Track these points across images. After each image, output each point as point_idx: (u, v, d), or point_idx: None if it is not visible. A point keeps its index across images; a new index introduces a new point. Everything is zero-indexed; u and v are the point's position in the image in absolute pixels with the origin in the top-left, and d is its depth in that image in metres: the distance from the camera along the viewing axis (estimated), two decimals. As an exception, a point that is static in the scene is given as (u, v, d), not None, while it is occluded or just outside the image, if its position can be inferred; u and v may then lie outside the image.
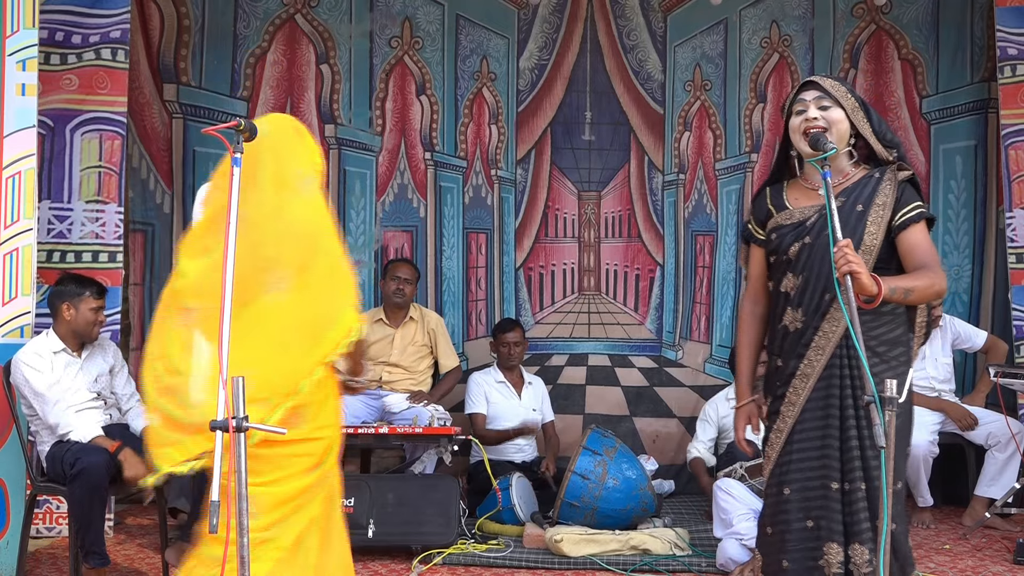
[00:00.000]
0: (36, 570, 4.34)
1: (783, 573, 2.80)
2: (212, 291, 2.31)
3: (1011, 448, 5.10)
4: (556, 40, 6.46)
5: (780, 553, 2.81)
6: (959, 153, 6.16)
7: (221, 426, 2.12)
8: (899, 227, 2.81)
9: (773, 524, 2.85)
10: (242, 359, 2.23)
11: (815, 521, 2.77)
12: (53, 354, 4.13)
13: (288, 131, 2.77)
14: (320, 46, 6.27)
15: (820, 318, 2.80)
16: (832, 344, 2.79)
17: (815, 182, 2.91)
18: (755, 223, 3.03)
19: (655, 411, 6.30)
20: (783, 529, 2.81)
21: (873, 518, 2.71)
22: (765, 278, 3.02)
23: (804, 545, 2.78)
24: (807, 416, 2.81)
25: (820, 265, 2.80)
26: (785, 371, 2.86)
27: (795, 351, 2.84)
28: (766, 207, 2.99)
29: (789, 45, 6.37)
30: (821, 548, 2.75)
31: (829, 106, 2.86)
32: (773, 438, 2.87)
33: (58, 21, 4.92)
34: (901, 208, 2.82)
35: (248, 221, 2.39)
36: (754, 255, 3.05)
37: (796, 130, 2.88)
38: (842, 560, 2.74)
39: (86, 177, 4.99)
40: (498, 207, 6.46)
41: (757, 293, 3.04)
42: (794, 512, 2.80)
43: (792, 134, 2.91)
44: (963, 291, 6.11)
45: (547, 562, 4.42)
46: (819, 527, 2.76)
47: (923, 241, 2.81)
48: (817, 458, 2.78)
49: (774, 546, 2.84)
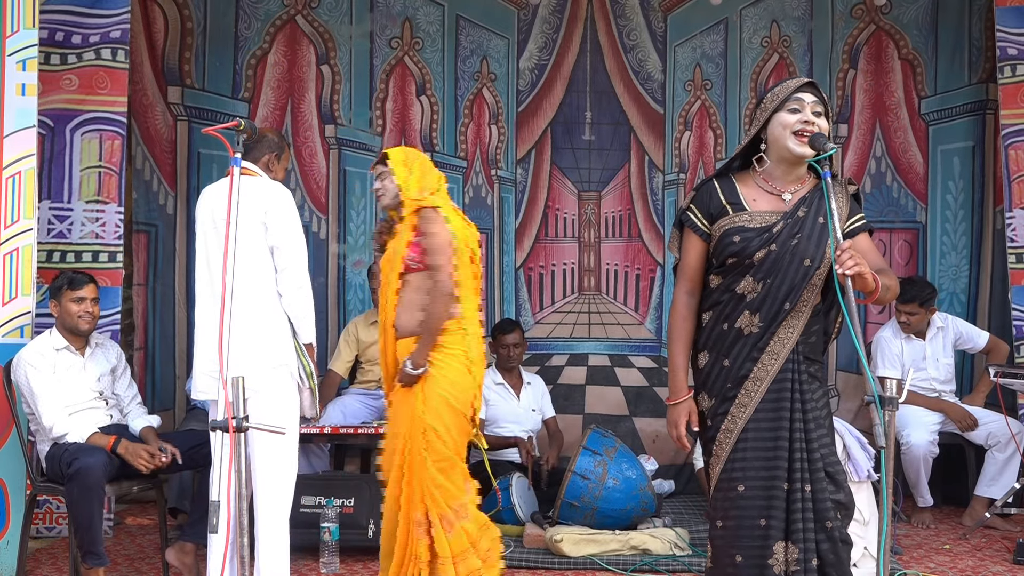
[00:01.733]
0: (36, 570, 4.34)
1: (735, 567, 2.83)
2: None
3: (1011, 448, 5.10)
4: (556, 40, 6.46)
5: (732, 548, 2.84)
6: (957, 154, 6.17)
7: (221, 426, 2.12)
8: (848, 234, 2.86)
9: (725, 519, 2.87)
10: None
11: (767, 520, 2.81)
12: (55, 352, 4.14)
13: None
14: (320, 47, 6.27)
15: (777, 325, 2.82)
16: (787, 350, 2.82)
17: (778, 185, 2.88)
18: (700, 214, 2.93)
19: (655, 411, 6.29)
20: (736, 525, 2.84)
21: (817, 520, 2.79)
22: (702, 271, 2.95)
23: (756, 543, 2.82)
24: (760, 417, 2.83)
25: (784, 273, 2.80)
26: (735, 373, 2.85)
27: (749, 354, 2.84)
28: (719, 201, 2.90)
29: (788, 45, 6.37)
30: (771, 547, 2.80)
31: (821, 113, 2.84)
32: (722, 438, 2.86)
33: (58, 21, 4.92)
34: (851, 217, 2.91)
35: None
36: (694, 246, 2.94)
37: (788, 126, 2.81)
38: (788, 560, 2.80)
39: (86, 177, 4.99)
40: (498, 207, 6.46)
41: (694, 284, 2.96)
42: (748, 510, 2.83)
43: (781, 128, 2.83)
44: (961, 291, 6.11)
45: (547, 562, 4.42)
46: (770, 526, 2.81)
47: (872, 248, 2.90)
48: (770, 459, 2.82)
49: (726, 540, 2.87)
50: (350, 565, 4.42)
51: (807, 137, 2.79)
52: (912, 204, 6.27)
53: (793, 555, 2.79)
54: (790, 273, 2.79)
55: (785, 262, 2.80)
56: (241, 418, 2.12)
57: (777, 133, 2.84)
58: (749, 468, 2.83)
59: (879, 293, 2.69)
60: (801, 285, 2.80)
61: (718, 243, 2.89)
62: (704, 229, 2.92)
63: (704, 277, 2.96)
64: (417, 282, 3.54)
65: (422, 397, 3.55)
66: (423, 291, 3.52)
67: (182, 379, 5.83)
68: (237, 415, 2.11)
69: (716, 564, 2.90)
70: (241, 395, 2.13)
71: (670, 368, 2.99)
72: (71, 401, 4.10)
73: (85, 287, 4.18)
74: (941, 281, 6.08)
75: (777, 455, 2.82)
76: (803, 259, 2.80)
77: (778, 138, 2.84)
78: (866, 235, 2.92)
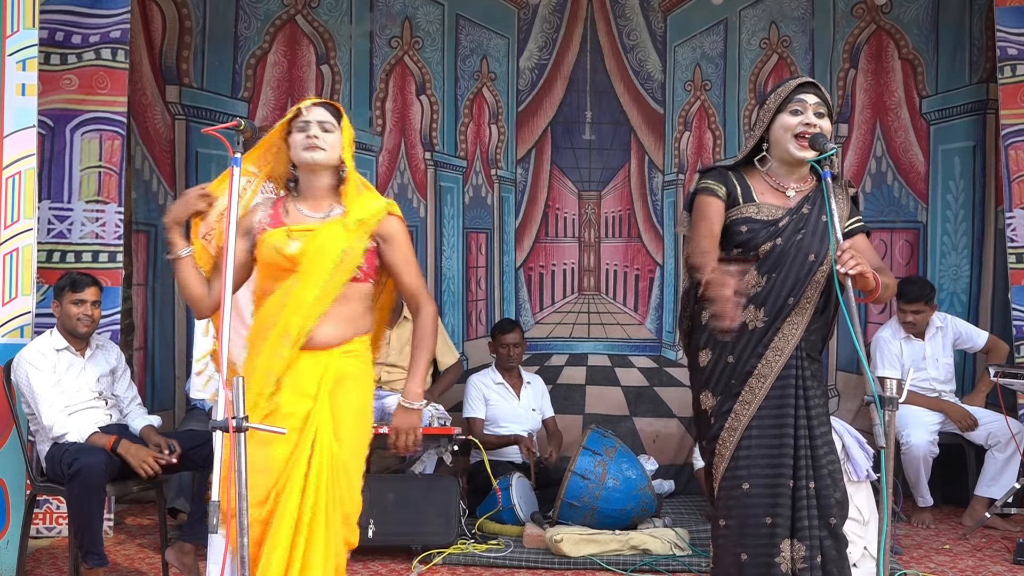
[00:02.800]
0: (36, 570, 4.34)
1: (740, 566, 2.84)
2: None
3: (1011, 448, 5.10)
4: (556, 40, 6.46)
5: (737, 547, 2.85)
6: (958, 154, 6.16)
7: (221, 426, 2.12)
8: (847, 234, 2.89)
9: (729, 517, 2.88)
10: None
11: (773, 519, 2.82)
12: (56, 352, 4.14)
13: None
14: (320, 47, 6.27)
15: (782, 320, 2.84)
16: (791, 346, 2.84)
17: (782, 182, 2.92)
18: (717, 184, 2.90)
19: (655, 411, 6.30)
20: (741, 523, 2.85)
21: (822, 517, 2.81)
22: (721, 227, 2.89)
23: (762, 541, 2.83)
24: (764, 415, 2.85)
25: (788, 268, 2.83)
26: (740, 369, 2.87)
27: (754, 350, 2.85)
28: (733, 184, 2.91)
29: (789, 45, 6.37)
30: (778, 545, 2.81)
31: (824, 114, 2.86)
32: (726, 436, 2.88)
33: (58, 21, 4.92)
34: (850, 218, 2.94)
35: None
36: (713, 205, 2.86)
37: (790, 129, 2.84)
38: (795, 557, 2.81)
39: (86, 177, 4.99)
40: (498, 207, 6.46)
41: (714, 239, 2.86)
42: (754, 508, 2.84)
43: (783, 131, 2.85)
44: (961, 291, 6.11)
45: (547, 562, 4.42)
46: (776, 524, 2.82)
47: (870, 248, 2.93)
48: (775, 456, 2.83)
49: (730, 539, 2.88)
50: (350, 565, 4.38)
51: (808, 139, 2.81)
52: (913, 204, 6.26)
53: (799, 553, 2.80)
54: (794, 268, 2.82)
55: (790, 257, 2.83)
56: (241, 418, 2.12)
57: (778, 135, 2.87)
58: (754, 466, 2.84)
59: (879, 291, 2.71)
60: (805, 281, 2.83)
61: (726, 230, 2.90)
62: (721, 195, 2.89)
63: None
64: (349, 293, 2.84)
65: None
66: (353, 304, 2.85)
67: (182, 379, 5.83)
68: (237, 415, 2.11)
69: (719, 564, 2.90)
70: (241, 395, 2.13)
71: (710, 276, 2.76)
72: (71, 401, 4.10)
73: (87, 289, 4.18)
74: (942, 281, 6.08)
75: (782, 452, 2.83)
76: (807, 255, 2.83)
77: (779, 140, 2.87)
78: (864, 236, 2.95)
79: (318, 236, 2.79)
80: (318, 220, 2.83)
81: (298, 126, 2.84)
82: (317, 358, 2.75)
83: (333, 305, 2.76)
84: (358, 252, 2.81)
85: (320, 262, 2.77)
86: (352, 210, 2.83)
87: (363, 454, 2.84)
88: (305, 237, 2.77)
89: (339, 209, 2.86)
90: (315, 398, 2.71)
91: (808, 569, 2.79)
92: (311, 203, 2.86)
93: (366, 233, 2.83)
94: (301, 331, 2.72)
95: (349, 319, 2.81)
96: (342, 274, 2.78)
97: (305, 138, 2.80)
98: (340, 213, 2.85)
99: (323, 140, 2.82)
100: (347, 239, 2.80)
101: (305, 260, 2.76)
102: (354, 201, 2.85)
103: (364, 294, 2.87)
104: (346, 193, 2.86)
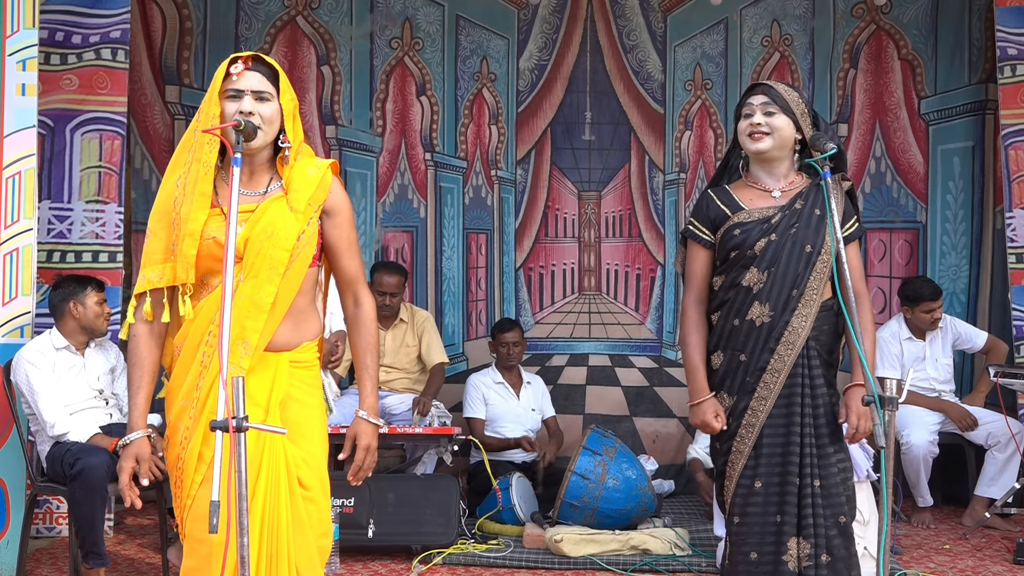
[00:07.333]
0: (36, 570, 4.34)
1: (751, 565, 2.87)
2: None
3: (1011, 448, 5.10)
4: (556, 40, 6.46)
5: (746, 545, 2.89)
6: (957, 154, 6.17)
7: (221, 426, 2.12)
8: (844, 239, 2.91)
9: (742, 515, 2.91)
10: None
11: (781, 516, 2.86)
12: (56, 351, 4.15)
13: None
14: (321, 48, 6.27)
15: (789, 313, 2.89)
16: (801, 340, 2.89)
17: (766, 185, 2.99)
18: (702, 224, 3.04)
19: (655, 411, 6.31)
20: (751, 521, 2.89)
21: (832, 515, 2.85)
22: (708, 279, 3.04)
23: (771, 539, 2.86)
24: (775, 412, 2.89)
25: (787, 261, 2.89)
26: (754, 365, 2.91)
27: (765, 346, 2.90)
28: (717, 207, 3.02)
29: (790, 44, 6.37)
30: (785, 543, 2.84)
31: (774, 112, 2.93)
32: (744, 433, 2.91)
33: (58, 21, 4.92)
34: (846, 220, 2.97)
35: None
36: (700, 255, 3.05)
37: (742, 132, 2.97)
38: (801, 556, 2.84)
39: (86, 177, 4.99)
40: (498, 207, 6.46)
41: (702, 293, 3.05)
42: (764, 506, 2.88)
43: (741, 137, 2.98)
44: (960, 291, 6.11)
45: (547, 562, 4.42)
46: (784, 522, 2.85)
47: (857, 261, 3.01)
48: (783, 453, 2.88)
49: (741, 536, 2.91)
50: (350, 565, 4.42)
51: (759, 136, 2.92)
52: (912, 204, 6.27)
53: (805, 551, 2.83)
54: (792, 260, 2.88)
55: (786, 250, 2.89)
56: (241, 418, 2.11)
57: (741, 140, 3.00)
58: (764, 464, 2.88)
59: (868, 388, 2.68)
60: (806, 272, 2.88)
61: (721, 243, 2.98)
62: (707, 238, 3.02)
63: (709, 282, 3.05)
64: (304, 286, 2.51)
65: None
66: (305, 295, 2.52)
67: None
68: (237, 415, 2.11)
69: (732, 561, 2.94)
70: (241, 395, 2.12)
71: (688, 371, 3.04)
72: (71, 400, 4.10)
73: (104, 290, 4.31)
74: (941, 281, 6.07)
75: (790, 450, 2.86)
76: (803, 246, 2.89)
77: (742, 144, 3.00)
78: (855, 244, 3.03)
79: (261, 219, 2.42)
80: (257, 198, 2.46)
81: (228, 94, 2.41)
82: (267, 364, 2.45)
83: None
84: (312, 238, 2.47)
85: (270, 252, 2.40)
86: (294, 184, 2.46)
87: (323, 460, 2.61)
88: (245, 220, 2.41)
89: (278, 183, 2.48)
90: (266, 411, 2.42)
91: (813, 568, 2.81)
92: (245, 178, 2.45)
93: (316, 211, 2.47)
94: (262, 337, 2.42)
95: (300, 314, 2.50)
96: (300, 265, 2.45)
97: (238, 114, 2.37)
98: (280, 188, 2.47)
99: (258, 115, 2.39)
100: (297, 223, 2.44)
101: (250, 250, 2.40)
102: (293, 172, 2.46)
103: (313, 282, 2.53)
104: (286, 167, 2.48)
